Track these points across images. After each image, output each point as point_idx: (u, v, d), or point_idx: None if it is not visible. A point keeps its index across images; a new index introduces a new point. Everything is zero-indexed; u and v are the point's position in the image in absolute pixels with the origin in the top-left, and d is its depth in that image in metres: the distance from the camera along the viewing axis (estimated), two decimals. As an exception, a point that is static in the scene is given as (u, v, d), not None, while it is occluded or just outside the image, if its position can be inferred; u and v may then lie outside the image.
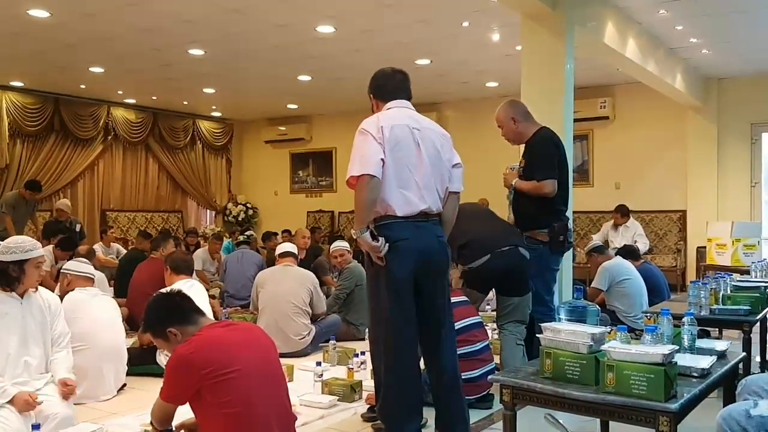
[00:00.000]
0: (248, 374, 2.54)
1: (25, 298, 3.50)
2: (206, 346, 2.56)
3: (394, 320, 3.13)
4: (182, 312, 2.71)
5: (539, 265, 4.31)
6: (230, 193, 14.42)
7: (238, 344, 2.62)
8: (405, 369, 3.16)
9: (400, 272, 3.09)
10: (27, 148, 10.96)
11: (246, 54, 8.52)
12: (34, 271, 3.48)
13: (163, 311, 2.74)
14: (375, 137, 3.08)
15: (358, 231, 3.04)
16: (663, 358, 2.25)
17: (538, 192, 4.24)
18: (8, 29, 7.36)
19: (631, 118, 10.35)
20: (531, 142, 4.40)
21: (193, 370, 2.49)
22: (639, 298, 5.85)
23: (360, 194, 3.02)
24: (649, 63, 7.67)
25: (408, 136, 3.16)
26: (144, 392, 4.43)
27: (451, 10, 6.73)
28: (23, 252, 3.44)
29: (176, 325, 2.68)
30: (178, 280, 4.96)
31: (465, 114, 11.44)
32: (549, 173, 4.24)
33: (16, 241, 3.52)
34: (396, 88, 3.35)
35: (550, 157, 4.30)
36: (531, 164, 4.32)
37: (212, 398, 2.49)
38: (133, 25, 7.23)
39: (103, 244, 9.43)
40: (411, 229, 3.12)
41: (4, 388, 3.27)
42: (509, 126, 4.42)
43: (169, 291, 2.92)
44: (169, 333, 2.68)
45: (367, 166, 3.01)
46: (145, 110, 12.63)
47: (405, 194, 3.11)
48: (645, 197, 10.10)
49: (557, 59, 5.40)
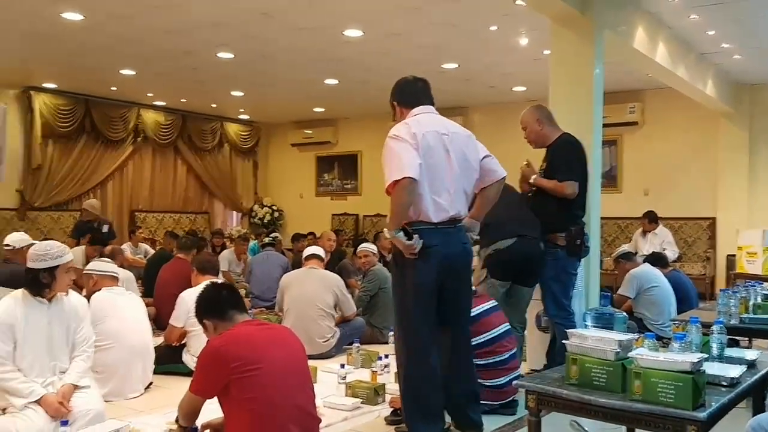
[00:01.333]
0: (274, 373, 2.57)
1: (52, 302, 3.52)
2: (237, 341, 2.61)
3: (417, 324, 3.19)
4: (219, 306, 2.82)
5: (557, 268, 4.34)
6: (256, 195, 14.52)
7: (268, 343, 2.67)
8: (425, 372, 3.20)
9: (426, 278, 3.16)
10: (59, 148, 11.14)
11: (274, 57, 8.58)
12: (64, 276, 3.51)
13: (203, 301, 2.89)
14: (410, 143, 3.12)
15: (393, 231, 3.10)
16: (691, 366, 2.23)
17: (559, 192, 4.26)
18: (42, 31, 7.51)
19: (661, 123, 10.23)
20: (554, 145, 4.42)
21: (222, 362, 2.54)
22: (667, 306, 5.77)
23: (399, 196, 3.06)
24: (680, 68, 7.58)
25: (438, 142, 3.22)
26: (170, 390, 4.47)
27: (479, 14, 6.71)
28: (53, 258, 3.46)
29: (211, 318, 2.81)
30: (204, 280, 5.00)
31: (492, 118, 11.39)
32: (571, 175, 4.27)
33: (44, 247, 3.53)
34: (420, 94, 3.41)
35: (574, 161, 4.34)
36: (553, 166, 4.34)
37: (238, 393, 2.53)
38: (164, 28, 7.33)
39: (131, 244, 9.56)
40: (440, 236, 3.18)
41: (32, 388, 3.32)
42: (533, 127, 4.45)
43: (219, 284, 3.04)
44: (204, 323, 2.84)
45: (408, 170, 3.05)
46: (174, 112, 12.78)
47: (437, 200, 3.18)
48: (674, 204, 9.97)
49: (586, 64, 5.35)
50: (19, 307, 3.43)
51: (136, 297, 4.84)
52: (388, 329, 5.97)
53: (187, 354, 4.85)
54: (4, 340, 3.35)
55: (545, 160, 4.46)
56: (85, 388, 3.53)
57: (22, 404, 3.29)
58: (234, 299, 2.87)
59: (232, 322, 2.76)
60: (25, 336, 3.39)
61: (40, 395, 3.31)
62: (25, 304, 3.45)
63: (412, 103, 3.37)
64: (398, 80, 3.48)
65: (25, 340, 3.39)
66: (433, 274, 3.16)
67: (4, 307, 3.42)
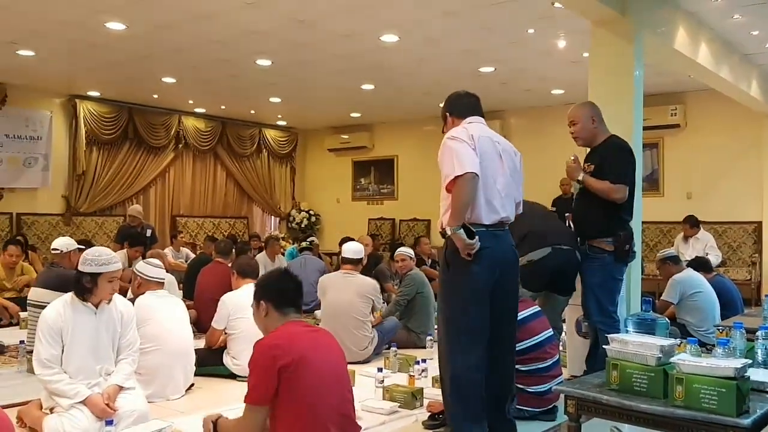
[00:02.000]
0: (317, 376, 2.60)
1: (99, 308, 3.60)
2: (284, 339, 2.63)
3: (470, 325, 3.22)
4: (281, 298, 2.80)
5: (603, 275, 4.22)
6: (294, 200, 14.66)
7: (313, 346, 2.68)
8: (474, 373, 3.23)
9: (481, 279, 3.20)
10: (102, 155, 11.41)
11: (311, 64, 8.66)
12: (106, 285, 3.55)
13: (271, 284, 2.87)
14: (468, 143, 3.20)
15: (454, 228, 3.12)
16: (735, 372, 2.19)
17: (609, 195, 4.13)
18: (87, 41, 7.71)
19: (704, 125, 10.03)
20: (605, 147, 4.29)
21: (271, 359, 2.55)
22: (711, 312, 5.66)
23: (462, 191, 3.10)
24: (723, 69, 7.43)
25: (492, 147, 3.33)
26: (211, 392, 4.55)
27: (516, 18, 6.68)
28: (98, 265, 3.52)
29: (268, 302, 2.79)
30: (244, 284, 5.08)
31: (529, 122, 11.32)
32: (624, 179, 4.15)
33: (94, 253, 3.61)
34: (472, 107, 3.53)
35: (627, 165, 4.23)
36: (604, 167, 4.19)
37: (284, 394, 2.54)
38: (204, 36, 7.46)
39: (173, 249, 9.75)
40: (491, 238, 3.22)
41: (78, 389, 3.40)
42: (586, 125, 4.30)
43: (293, 277, 2.94)
44: (259, 302, 2.81)
45: (469, 166, 3.11)
46: (214, 119, 12.99)
47: (491, 202, 3.24)
48: (718, 208, 9.76)
49: (626, 66, 5.28)
50: (68, 312, 3.52)
51: (179, 300, 4.91)
52: (426, 333, 5.96)
53: (228, 356, 4.91)
54: (52, 344, 3.44)
55: (590, 161, 4.36)
56: (130, 389, 3.61)
57: (68, 404, 3.38)
58: (296, 297, 2.86)
59: (286, 317, 2.77)
60: (72, 340, 3.48)
61: (85, 396, 3.40)
62: (74, 309, 3.54)
63: (464, 114, 3.48)
64: (451, 94, 3.61)
65: (72, 344, 3.48)
66: (487, 275, 3.20)
67: (53, 312, 3.51)
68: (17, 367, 5.24)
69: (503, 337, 3.35)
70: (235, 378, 4.83)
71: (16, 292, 7.25)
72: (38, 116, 10.56)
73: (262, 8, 6.50)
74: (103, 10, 6.63)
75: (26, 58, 8.43)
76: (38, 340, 3.50)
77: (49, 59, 8.56)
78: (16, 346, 5.53)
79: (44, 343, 3.44)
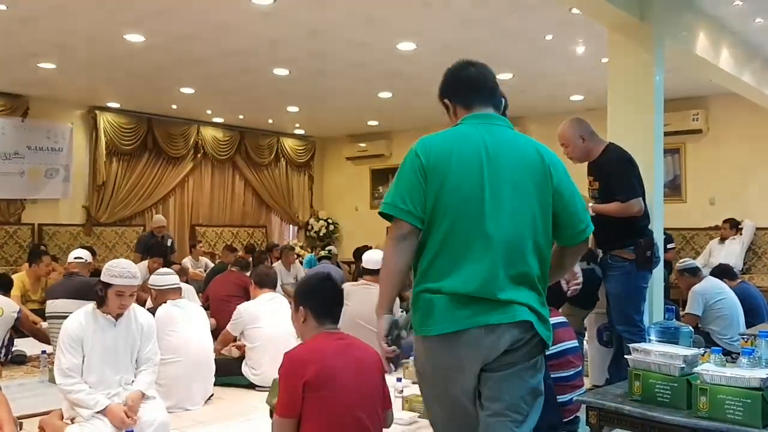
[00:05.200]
0: (344, 391, 2.53)
1: (119, 321, 3.60)
2: (312, 353, 2.58)
3: None
4: (321, 307, 2.72)
5: (626, 283, 4.16)
6: (312, 209, 14.70)
7: (343, 361, 2.60)
8: None
9: None
10: (122, 165, 11.51)
11: (328, 72, 8.69)
12: (115, 298, 3.54)
13: (310, 291, 2.77)
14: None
15: None
16: (761, 382, 2.14)
17: (626, 213, 4.10)
18: (106, 53, 7.79)
19: (726, 130, 9.90)
20: (601, 161, 4.26)
21: (295, 373, 2.50)
22: (735, 319, 5.57)
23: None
24: (745, 73, 7.33)
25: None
26: (230, 402, 4.56)
27: (535, 24, 6.65)
28: (109, 276, 3.53)
29: (308, 309, 2.71)
30: (262, 293, 5.09)
31: (549, 128, 11.22)
32: (633, 192, 4.12)
33: (112, 263, 3.62)
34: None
35: (630, 176, 4.18)
36: (610, 185, 4.17)
37: (309, 408, 2.49)
38: (222, 47, 7.51)
39: (192, 258, 9.80)
40: None
41: (97, 399, 3.42)
42: (576, 144, 4.31)
43: (335, 284, 2.85)
44: (299, 308, 2.72)
45: None
46: (232, 129, 13.07)
47: None
48: (742, 213, 9.61)
49: (646, 71, 5.22)
50: (89, 323, 3.54)
51: (198, 309, 4.91)
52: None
53: (246, 366, 4.92)
54: (73, 353, 3.46)
55: (593, 175, 4.31)
56: (150, 399, 3.62)
57: (89, 414, 3.40)
58: (336, 306, 2.79)
59: (321, 327, 2.70)
60: (92, 351, 3.51)
61: (104, 405, 3.41)
62: (95, 320, 3.56)
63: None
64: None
65: (92, 355, 3.50)
66: None
67: (75, 322, 3.54)
68: (39, 377, 5.29)
69: None
70: (254, 388, 4.83)
71: (39, 303, 7.33)
72: (59, 128, 10.69)
73: (279, 18, 6.53)
74: (123, 23, 6.70)
75: (47, 70, 8.54)
76: (59, 350, 3.52)
77: (69, 71, 8.67)
78: (38, 357, 5.58)
79: (65, 353, 3.47)
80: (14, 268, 9.37)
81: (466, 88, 2.37)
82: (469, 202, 2.08)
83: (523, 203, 2.11)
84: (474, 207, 2.07)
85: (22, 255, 9.93)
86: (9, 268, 9.57)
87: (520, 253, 2.08)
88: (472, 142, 2.16)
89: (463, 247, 2.06)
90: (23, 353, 5.92)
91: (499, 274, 2.04)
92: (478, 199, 2.08)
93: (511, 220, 2.08)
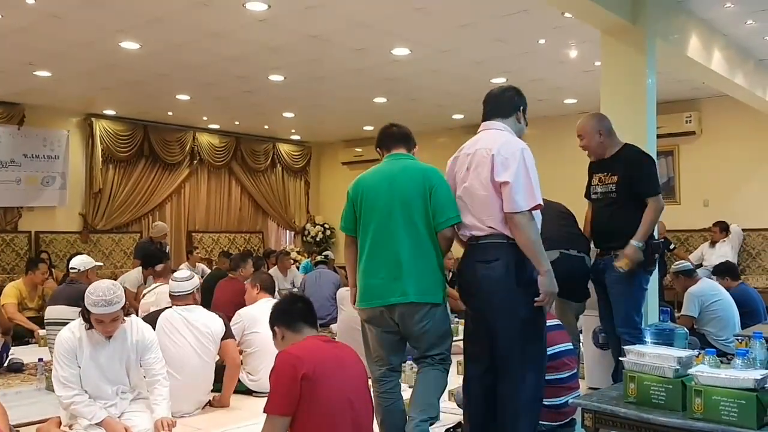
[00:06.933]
0: (338, 389, 2.59)
1: (113, 337, 3.56)
2: (305, 350, 2.64)
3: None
4: (290, 317, 2.86)
5: (632, 284, 4.14)
6: (308, 214, 14.71)
7: (336, 361, 2.69)
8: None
9: None
10: (119, 172, 11.52)
11: (324, 78, 8.71)
12: (97, 324, 3.47)
13: (277, 309, 2.95)
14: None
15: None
16: (755, 383, 2.15)
17: (659, 212, 4.12)
18: (102, 61, 7.81)
19: (720, 132, 9.95)
20: (623, 156, 4.24)
21: (292, 370, 2.54)
22: (731, 320, 5.58)
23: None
24: (737, 75, 7.38)
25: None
26: (227, 409, 4.55)
27: (528, 28, 6.69)
28: (87, 303, 3.44)
29: (280, 326, 2.86)
30: (261, 298, 5.11)
31: (542, 132, 11.28)
32: (658, 189, 4.14)
33: (91, 289, 3.48)
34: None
35: (656, 174, 4.23)
36: (636, 182, 4.14)
37: (304, 405, 2.53)
38: (218, 54, 7.53)
39: (188, 264, 9.79)
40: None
41: (94, 412, 3.42)
42: (593, 138, 4.28)
43: (297, 296, 3.10)
44: (274, 329, 2.89)
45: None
46: (228, 135, 13.08)
47: None
48: (736, 214, 9.64)
49: (638, 74, 5.26)
50: (82, 335, 3.53)
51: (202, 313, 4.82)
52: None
53: (244, 372, 4.91)
54: (69, 364, 3.46)
55: (609, 171, 4.28)
56: (147, 411, 3.62)
57: (86, 424, 3.40)
58: (306, 313, 2.89)
59: (301, 334, 2.80)
60: (86, 364, 3.51)
61: (101, 419, 3.41)
62: (90, 333, 3.54)
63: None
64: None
65: (86, 368, 3.50)
66: None
67: (68, 333, 3.54)
68: (36, 384, 5.28)
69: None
70: (251, 394, 4.83)
71: (36, 311, 7.33)
72: (55, 135, 10.70)
73: (275, 25, 6.55)
74: (118, 30, 6.72)
75: (43, 78, 8.55)
76: (55, 360, 3.53)
77: (65, 79, 8.68)
78: (35, 364, 5.58)
79: (61, 364, 3.48)
80: (11, 276, 9.37)
81: (386, 139, 3.81)
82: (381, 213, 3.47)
83: (411, 208, 3.39)
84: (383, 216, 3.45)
85: (19, 263, 9.93)
86: (6, 276, 9.58)
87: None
88: (384, 173, 3.62)
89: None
90: (20, 361, 5.91)
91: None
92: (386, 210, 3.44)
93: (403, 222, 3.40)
